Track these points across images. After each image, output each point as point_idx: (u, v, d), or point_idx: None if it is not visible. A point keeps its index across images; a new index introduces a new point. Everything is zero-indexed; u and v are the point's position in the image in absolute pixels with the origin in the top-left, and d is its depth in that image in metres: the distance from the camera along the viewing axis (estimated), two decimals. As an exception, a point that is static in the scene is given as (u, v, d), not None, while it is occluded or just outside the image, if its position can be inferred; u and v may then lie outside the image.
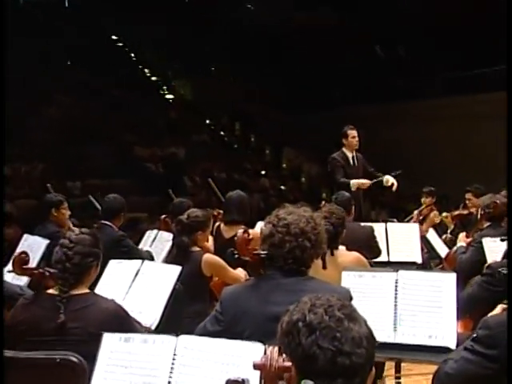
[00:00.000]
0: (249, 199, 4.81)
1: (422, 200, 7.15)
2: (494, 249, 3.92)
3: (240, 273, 3.70)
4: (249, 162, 14.46)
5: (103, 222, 4.55)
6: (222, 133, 15.72)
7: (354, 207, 4.78)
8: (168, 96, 16.14)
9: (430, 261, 6.06)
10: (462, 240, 4.76)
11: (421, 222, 6.47)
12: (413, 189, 7.49)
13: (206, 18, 14.19)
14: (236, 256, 2.49)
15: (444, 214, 6.31)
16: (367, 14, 13.59)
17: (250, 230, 3.93)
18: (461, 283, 3.76)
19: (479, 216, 4.77)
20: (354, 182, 6.08)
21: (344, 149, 6.39)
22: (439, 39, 12.62)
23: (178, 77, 16.58)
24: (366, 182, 6.12)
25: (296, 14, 14.20)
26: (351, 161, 6.37)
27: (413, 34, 13.27)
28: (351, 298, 2.22)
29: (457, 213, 6.25)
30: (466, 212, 6.16)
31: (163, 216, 4.99)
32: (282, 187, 13.97)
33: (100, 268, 2.67)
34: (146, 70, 16.46)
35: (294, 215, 2.29)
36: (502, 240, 3.56)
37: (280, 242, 2.23)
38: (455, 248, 4.78)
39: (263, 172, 14.35)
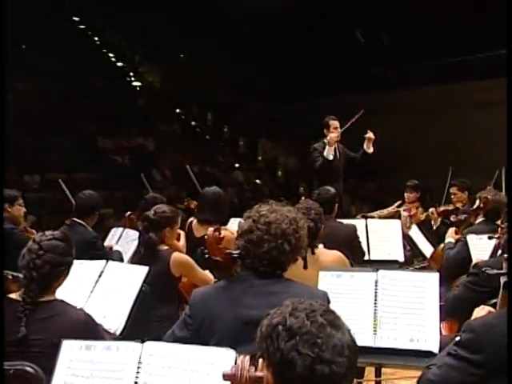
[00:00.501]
0: (226, 197, 4.76)
1: (406, 195, 7.17)
2: (478, 246, 3.97)
3: (208, 275, 3.68)
4: (222, 154, 14.42)
5: (75, 220, 4.48)
6: (193, 123, 15.64)
7: (338, 205, 4.77)
8: (135, 83, 15.98)
9: (414, 259, 6.13)
10: (451, 236, 4.82)
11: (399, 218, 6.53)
12: (398, 182, 7.54)
13: (176, 2, 14.07)
14: (206, 256, 2.48)
15: (430, 209, 6.35)
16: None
17: (222, 229, 3.95)
18: (446, 280, 3.82)
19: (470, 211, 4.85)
20: (326, 151, 6.16)
21: (325, 140, 6.42)
22: (425, 25, 12.73)
23: (146, 63, 16.42)
24: (332, 135, 6.20)
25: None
26: (333, 153, 6.40)
27: (397, 20, 13.36)
28: (329, 302, 2.22)
29: (442, 209, 6.31)
30: (451, 207, 6.23)
31: (128, 213, 4.93)
32: (257, 181, 13.97)
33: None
34: (111, 55, 16.26)
35: (276, 214, 2.26)
36: (490, 238, 3.61)
37: (258, 241, 2.21)
38: (442, 245, 4.84)
39: (237, 165, 14.32)
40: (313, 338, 1.37)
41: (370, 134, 6.42)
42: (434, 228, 6.13)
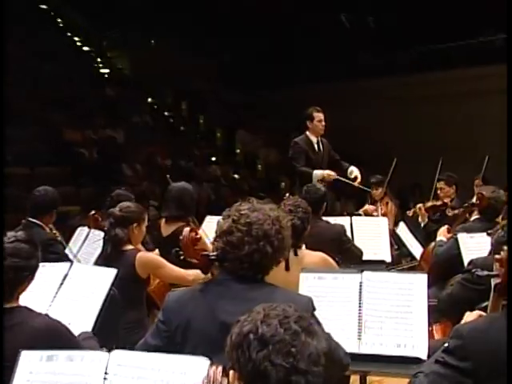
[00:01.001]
0: (194, 193, 4.76)
1: (373, 192, 7.23)
2: (470, 246, 4.00)
3: (182, 270, 3.64)
4: (197, 146, 14.37)
5: (31, 219, 4.42)
6: (166, 113, 15.54)
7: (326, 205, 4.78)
8: (103, 70, 15.82)
9: (402, 259, 6.18)
10: (443, 234, 4.86)
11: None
12: (383, 176, 7.59)
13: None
14: (181, 257, 2.48)
15: (418, 205, 6.42)
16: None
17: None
18: (436, 279, 3.86)
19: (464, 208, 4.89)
20: (317, 174, 6.11)
21: (308, 133, 6.42)
22: (412, 10, 12.81)
23: (115, 48, 16.26)
24: (331, 173, 6.14)
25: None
26: (315, 146, 6.40)
27: (383, 4, 13.43)
28: (314, 309, 2.22)
29: (430, 204, 6.38)
30: (439, 203, 6.29)
31: (92, 212, 4.86)
32: (236, 176, 13.95)
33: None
34: (76, 39, 16.05)
35: (258, 214, 2.24)
36: (489, 234, 3.62)
37: (238, 242, 2.20)
38: (433, 244, 4.88)
39: (214, 158, 14.28)
40: (286, 346, 1.37)
41: (356, 179, 6.33)
42: (422, 225, 6.19)
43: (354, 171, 6.26)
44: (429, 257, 4.74)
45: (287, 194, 5.09)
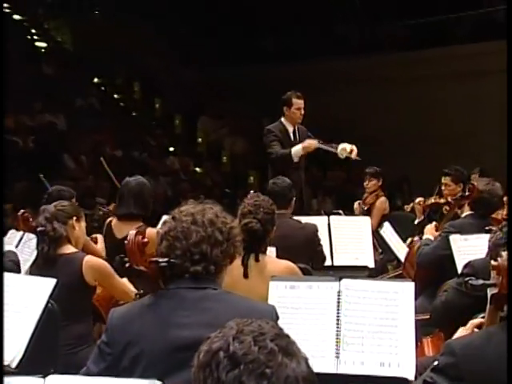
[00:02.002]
0: (152, 188, 4.75)
1: (365, 184, 7.36)
2: (464, 249, 4.03)
3: (130, 286, 3.65)
4: (152, 135, 14.31)
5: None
6: (115, 96, 15.44)
7: (295, 198, 4.80)
8: (39, 44, 15.59)
9: (387, 264, 6.23)
10: (430, 232, 4.91)
11: (366, 214, 6.63)
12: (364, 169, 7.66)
13: None
14: (127, 265, 2.47)
15: (418, 199, 6.45)
16: None
17: (148, 230, 3.91)
18: (423, 286, 3.89)
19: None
20: (296, 150, 6.14)
21: (283, 119, 6.44)
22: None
23: (54, 17, 16.04)
24: (311, 141, 6.19)
25: None
26: (291, 135, 6.42)
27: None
28: (277, 318, 2.26)
29: (432, 201, 6.39)
30: (442, 201, 6.29)
31: (21, 211, 4.75)
32: (197, 169, 13.94)
33: None
34: (6, 5, 15.77)
35: (199, 207, 2.39)
36: (487, 232, 3.65)
37: (185, 234, 2.29)
38: (419, 243, 4.94)
39: (171, 149, 14.24)
40: (261, 367, 1.37)
41: (352, 153, 6.29)
42: (416, 222, 6.20)
43: (346, 147, 6.25)
44: (414, 258, 4.79)
45: (251, 192, 5.09)
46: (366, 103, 13.16)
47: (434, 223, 5.05)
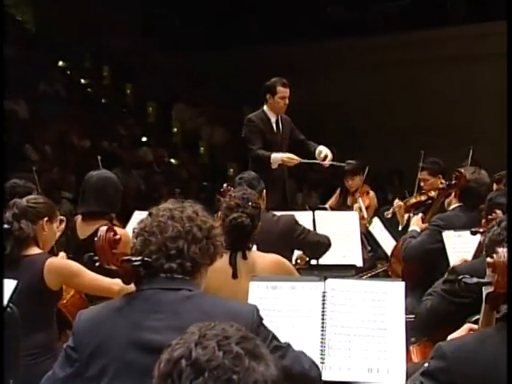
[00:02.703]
0: (119, 183, 4.71)
1: (348, 184, 7.30)
2: (458, 247, 4.07)
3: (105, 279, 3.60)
4: (123, 124, 14.25)
5: None
6: (82, 81, 15.34)
7: (265, 191, 4.81)
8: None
9: (377, 262, 6.25)
10: (416, 223, 4.95)
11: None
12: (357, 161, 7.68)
13: None
14: (97, 264, 2.46)
15: (397, 203, 6.44)
16: None
17: (121, 231, 3.90)
18: (412, 284, 3.91)
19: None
20: (276, 157, 6.14)
21: (266, 108, 6.43)
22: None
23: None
24: (293, 157, 6.18)
25: None
26: (274, 126, 6.43)
27: None
28: (260, 318, 2.28)
29: (413, 201, 6.44)
30: (424, 198, 6.34)
31: None
32: (172, 161, 13.91)
33: None
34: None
35: (178, 204, 2.42)
36: (473, 233, 3.71)
37: (160, 228, 2.31)
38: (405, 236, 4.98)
39: (144, 139, 14.20)
40: (226, 373, 1.37)
41: (324, 160, 6.33)
42: (400, 228, 6.17)
43: (323, 151, 6.29)
44: (400, 253, 4.83)
45: (225, 185, 5.10)
46: (355, 89, 13.17)
47: (420, 214, 5.09)
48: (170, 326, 2.17)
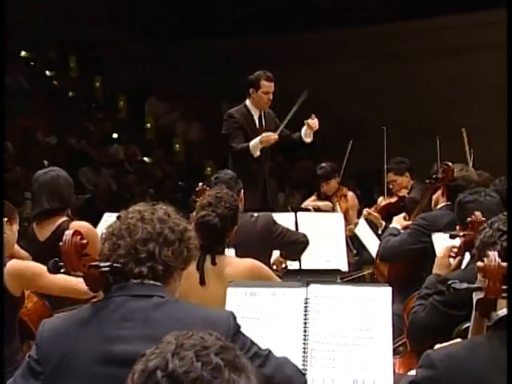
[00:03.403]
0: (68, 178, 4.71)
1: (324, 189, 7.35)
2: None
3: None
4: (93, 119, 14.20)
5: None
6: (47, 73, 15.26)
7: (245, 191, 4.83)
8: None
9: (363, 266, 6.29)
10: (397, 221, 4.98)
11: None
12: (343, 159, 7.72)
13: None
14: (62, 270, 2.45)
15: (366, 210, 6.48)
16: None
17: (82, 226, 3.90)
18: (395, 286, 3.93)
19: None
20: (254, 143, 6.18)
21: (248, 103, 6.44)
22: None
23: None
24: (269, 134, 6.21)
25: None
26: (257, 122, 6.44)
27: None
28: (238, 326, 2.29)
29: (383, 203, 6.51)
30: (394, 200, 6.44)
31: None
32: (146, 159, 13.87)
33: None
34: None
35: (148, 207, 2.43)
36: (452, 237, 3.75)
37: (129, 230, 2.32)
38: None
39: (115, 135, 14.15)
40: None
41: (312, 121, 6.40)
42: (380, 231, 6.21)
43: (302, 130, 6.33)
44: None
45: (200, 184, 5.11)
46: (341, 82, 13.20)
47: (403, 214, 5.11)
48: (141, 335, 2.18)
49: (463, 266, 3.67)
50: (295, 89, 6.57)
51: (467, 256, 3.65)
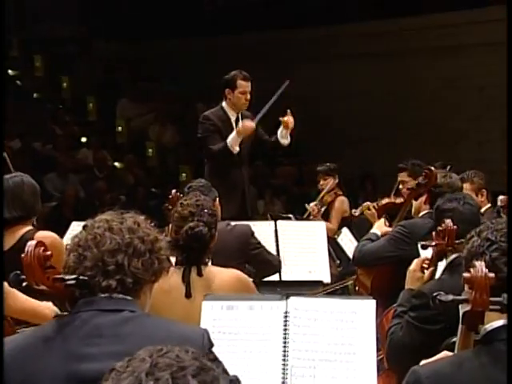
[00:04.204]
0: (34, 184, 4.70)
1: (320, 185, 7.47)
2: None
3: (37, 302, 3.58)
4: (59, 122, 14.14)
5: None
6: (10, 72, 15.20)
7: (222, 199, 4.84)
8: None
9: (346, 277, 6.30)
10: (378, 227, 4.99)
11: (324, 218, 6.71)
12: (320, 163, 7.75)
13: None
14: (24, 284, 2.44)
15: (366, 204, 6.51)
16: None
17: (47, 237, 3.87)
18: (378, 298, 3.95)
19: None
20: (231, 139, 6.21)
21: (225, 104, 6.45)
22: None
23: None
24: (246, 123, 6.25)
25: None
26: (234, 125, 6.44)
27: None
28: (211, 345, 2.28)
29: (385, 201, 6.51)
30: (399, 201, 6.42)
31: None
32: (116, 164, 13.83)
33: None
34: None
35: (116, 216, 2.43)
36: (424, 247, 3.77)
37: (96, 241, 2.31)
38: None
39: (84, 139, 14.10)
40: None
41: (287, 118, 6.43)
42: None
43: (279, 131, 6.34)
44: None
45: (173, 191, 5.12)
46: (324, 82, 13.22)
47: (382, 219, 5.12)
48: (110, 352, 2.16)
49: (437, 277, 3.69)
50: (273, 87, 6.59)
51: (441, 266, 3.68)
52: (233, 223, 4.76)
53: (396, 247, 4.52)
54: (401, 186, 6.42)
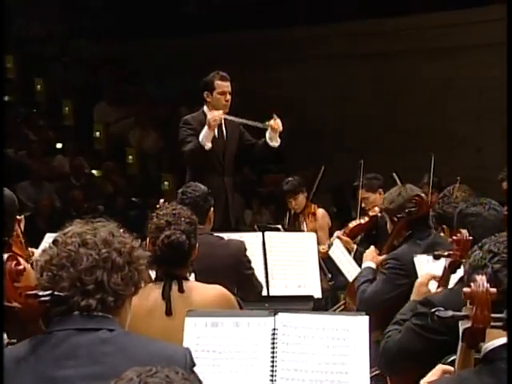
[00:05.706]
0: (14, 198, 4.68)
1: (292, 206, 7.41)
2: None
3: None
4: (33, 126, 14.12)
5: None
6: (-17, 75, 15.19)
7: (213, 210, 4.83)
8: None
9: (338, 292, 6.31)
10: (370, 258, 4.97)
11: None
12: (317, 173, 7.75)
13: None
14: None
15: (336, 234, 6.50)
16: None
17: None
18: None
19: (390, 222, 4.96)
20: (204, 135, 6.23)
21: (206, 108, 6.46)
22: None
23: None
24: (215, 114, 6.26)
25: None
26: (216, 129, 6.45)
27: None
28: (193, 364, 2.27)
29: (352, 225, 6.53)
30: (365, 220, 6.45)
31: None
32: (94, 171, 13.81)
33: None
34: None
35: (88, 226, 2.40)
36: (436, 257, 3.77)
37: (71, 259, 2.29)
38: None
39: (59, 145, 14.08)
40: None
41: (275, 122, 6.44)
42: (352, 255, 6.21)
43: (267, 134, 6.37)
44: (354, 290, 4.87)
45: (161, 201, 5.10)
46: (311, 83, 13.23)
47: (372, 247, 5.06)
48: (87, 374, 2.16)
49: (450, 286, 3.68)
50: (258, 88, 6.61)
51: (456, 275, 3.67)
52: (225, 237, 4.75)
53: (393, 285, 4.47)
54: (363, 205, 6.49)
